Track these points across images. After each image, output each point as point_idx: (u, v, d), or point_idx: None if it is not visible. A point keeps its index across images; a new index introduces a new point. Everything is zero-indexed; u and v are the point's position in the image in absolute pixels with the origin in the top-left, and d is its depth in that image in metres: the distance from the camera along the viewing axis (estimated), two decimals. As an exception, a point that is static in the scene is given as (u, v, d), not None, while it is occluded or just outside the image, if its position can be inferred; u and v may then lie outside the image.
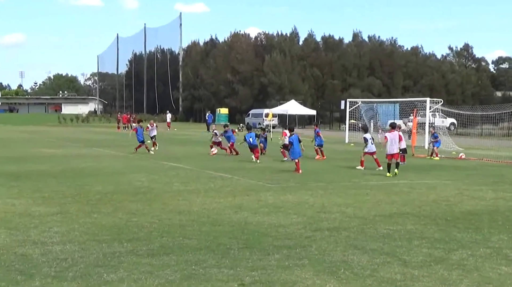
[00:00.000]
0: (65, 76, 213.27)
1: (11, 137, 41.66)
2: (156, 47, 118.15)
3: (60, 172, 18.70)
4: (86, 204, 12.39)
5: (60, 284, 6.71)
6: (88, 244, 8.73)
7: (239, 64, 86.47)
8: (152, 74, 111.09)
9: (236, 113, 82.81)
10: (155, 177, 17.65)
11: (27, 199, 12.92)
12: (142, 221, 10.63)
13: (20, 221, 10.35)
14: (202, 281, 6.93)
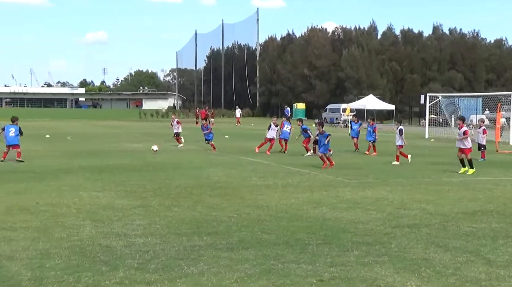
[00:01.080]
0: (145, 73, 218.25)
1: (94, 132, 42.98)
2: (233, 43, 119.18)
3: (142, 166, 19.16)
4: (167, 197, 12.64)
5: (143, 276, 6.87)
6: (169, 237, 8.91)
7: (316, 59, 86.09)
8: (229, 70, 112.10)
9: (313, 108, 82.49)
10: (233, 171, 17.81)
11: (111, 192, 13.30)
12: (221, 215, 10.76)
13: (104, 214, 10.67)
14: (281, 276, 6.94)
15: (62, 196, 12.60)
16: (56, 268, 7.13)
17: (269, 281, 6.77)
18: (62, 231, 9.20)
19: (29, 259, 7.53)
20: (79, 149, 25.68)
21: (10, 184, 14.14)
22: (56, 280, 6.63)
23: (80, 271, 7.02)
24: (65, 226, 9.54)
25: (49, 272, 6.95)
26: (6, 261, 7.38)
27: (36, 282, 6.55)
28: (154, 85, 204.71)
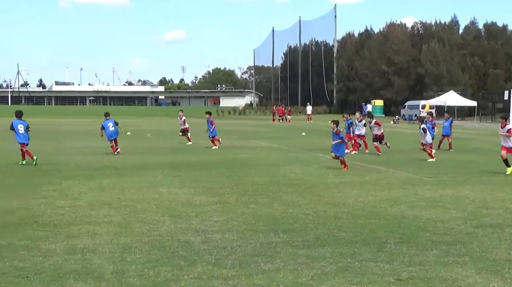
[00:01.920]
0: (223, 70, 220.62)
1: (173, 130, 43.77)
2: (310, 40, 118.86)
3: (219, 163, 19.39)
4: (244, 194, 12.74)
5: (220, 271, 6.96)
6: (245, 234, 8.98)
7: (395, 55, 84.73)
8: (306, 67, 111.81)
9: (392, 105, 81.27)
10: (310, 169, 17.77)
11: (189, 188, 13.53)
12: (297, 212, 10.76)
13: (182, 210, 10.87)
14: (358, 274, 6.88)
15: (142, 192, 12.92)
16: (136, 262, 7.32)
17: (346, 279, 6.73)
18: (143, 226, 9.44)
19: (111, 252, 7.76)
20: (158, 146, 26.25)
21: (94, 180, 14.61)
22: (137, 274, 6.81)
23: (160, 265, 7.18)
24: (145, 221, 9.78)
25: (130, 265, 7.15)
26: (90, 254, 7.64)
27: (118, 275, 6.74)
28: (232, 83, 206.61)
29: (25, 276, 6.67)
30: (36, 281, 6.49)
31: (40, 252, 7.73)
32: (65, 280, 6.56)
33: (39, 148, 22.80)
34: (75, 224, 9.47)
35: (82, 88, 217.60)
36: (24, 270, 6.90)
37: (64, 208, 10.81)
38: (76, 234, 8.77)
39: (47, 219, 9.85)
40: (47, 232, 8.86)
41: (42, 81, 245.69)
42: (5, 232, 8.84)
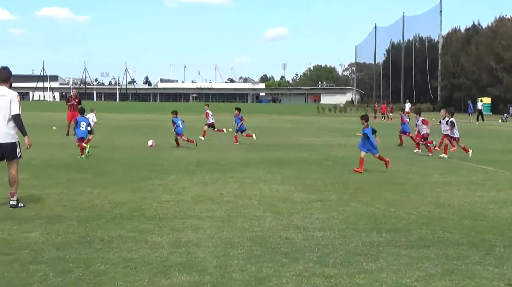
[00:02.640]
0: (324, 67, 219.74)
1: (274, 126, 44.08)
2: (414, 36, 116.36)
3: (320, 160, 19.32)
4: (345, 192, 12.63)
5: (322, 269, 6.92)
6: (347, 232, 8.90)
7: (504, 51, 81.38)
8: (409, 63, 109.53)
9: (499, 103, 78.08)
10: (413, 167, 17.38)
11: (290, 185, 13.56)
12: (400, 211, 10.54)
13: (283, 206, 10.91)
14: (465, 277, 6.65)
15: (244, 187, 13.07)
16: (239, 257, 7.41)
17: (452, 282, 6.52)
18: (244, 221, 9.55)
19: (214, 247, 7.90)
20: (259, 142, 26.47)
21: (197, 175, 14.92)
22: (239, 269, 6.90)
23: (262, 261, 7.23)
24: (247, 217, 9.89)
25: (232, 260, 7.25)
26: (194, 248, 7.81)
27: (221, 270, 6.85)
28: (333, 80, 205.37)
29: (133, 267, 6.90)
30: (143, 272, 6.70)
31: (147, 244, 7.98)
32: (171, 272, 6.73)
33: (144, 144, 23.55)
34: (179, 218, 9.71)
35: (185, 85, 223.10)
36: (132, 261, 7.15)
37: (169, 202, 11.11)
38: (181, 228, 8.99)
39: (153, 212, 10.17)
40: (153, 225, 9.14)
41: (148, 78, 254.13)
42: (115, 224, 9.20)
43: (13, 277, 6.47)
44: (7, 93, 10.42)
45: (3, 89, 10.47)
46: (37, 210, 10.14)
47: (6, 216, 9.65)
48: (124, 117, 55.18)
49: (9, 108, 10.34)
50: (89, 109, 23.73)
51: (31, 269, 6.76)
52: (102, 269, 6.79)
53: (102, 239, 8.22)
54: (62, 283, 6.29)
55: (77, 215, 9.81)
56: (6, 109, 10.32)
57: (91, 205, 10.72)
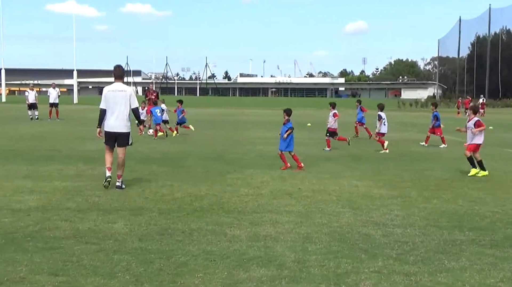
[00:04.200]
0: (405, 61, 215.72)
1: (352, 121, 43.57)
2: (501, 29, 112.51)
3: (398, 155, 19.00)
4: (425, 189, 12.37)
5: (402, 267, 6.82)
6: (428, 229, 8.72)
7: None
8: (495, 57, 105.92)
9: None
10: (495, 164, 16.82)
11: (368, 181, 13.41)
12: (484, 209, 10.24)
13: (362, 202, 10.80)
14: (553, 280, 6.39)
15: (322, 183, 13.02)
16: (317, 252, 7.40)
17: (539, 284, 6.28)
18: (323, 217, 9.51)
19: (292, 241, 7.91)
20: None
21: (276, 169, 14.96)
22: (318, 264, 6.88)
23: (340, 257, 7.19)
24: (325, 212, 9.85)
25: (311, 255, 7.24)
26: (272, 242, 7.85)
27: (299, 264, 6.86)
28: (414, 74, 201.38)
29: (212, 259, 7.01)
30: (222, 265, 6.79)
31: (225, 237, 8.08)
32: (249, 265, 6.79)
33: (223, 138, 23.85)
34: (258, 212, 9.78)
35: (264, 80, 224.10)
36: (212, 253, 7.26)
37: (248, 196, 11.21)
38: (259, 222, 9.06)
39: (232, 205, 10.28)
40: (232, 218, 9.25)
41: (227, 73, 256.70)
42: (195, 216, 9.36)
43: (98, 265, 6.69)
44: (125, 88, 12.01)
45: (121, 85, 12.02)
46: (120, 202, 10.44)
47: (92, 206, 9.99)
48: (204, 112, 55.95)
49: (129, 102, 11.88)
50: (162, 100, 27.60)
51: (115, 258, 6.97)
52: (183, 261, 6.93)
53: (182, 231, 8.39)
54: (144, 273, 6.46)
55: (159, 207, 10.04)
56: (126, 103, 11.85)
57: (172, 197, 10.95)
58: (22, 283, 6.06)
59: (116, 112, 11.81)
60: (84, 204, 10.22)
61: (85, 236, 8.03)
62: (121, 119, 11.83)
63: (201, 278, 6.33)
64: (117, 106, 11.81)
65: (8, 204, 10.06)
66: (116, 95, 11.86)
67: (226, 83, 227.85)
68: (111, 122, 11.86)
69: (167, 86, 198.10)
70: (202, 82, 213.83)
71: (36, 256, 7.02)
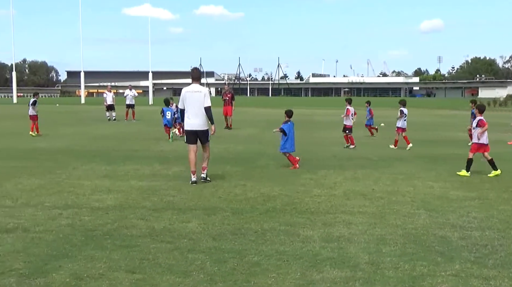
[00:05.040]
0: (482, 59, 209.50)
1: (428, 121, 42.74)
2: None
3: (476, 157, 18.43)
4: (505, 191, 11.98)
5: (480, 271, 6.63)
6: (507, 233, 8.44)
7: None
8: None
9: None
10: None
11: (444, 182, 13.10)
12: None
13: (438, 204, 10.56)
14: None
15: (396, 183, 12.82)
16: (391, 254, 7.28)
17: None
18: (397, 218, 9.36)
19: (366, 243, 7.82)
20: (412, 138, 25.81)
21: (349, 170, 14.84)
22: (392, 266, 6.78)
23: (415, 259, 7.06)
24: (400, 214, 9.69)
25: (385, 257, 7.14)
26: (345, 243, 7.78)
27: (373, 266, 6.77)
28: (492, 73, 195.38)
29: (285, 259, 7.01)
30: (295, 265, 6.79)
31: (298, 237, 8.07)
32: (322, 266, 6.76)
33: (295, 138, 23.79)
34: (331, 213, 9.72)
35: (337, 79, 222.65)
36: (284, 253, 7.26)
37: (321, 197, 11.15)
38: (332, 223, 9.00)
39: (304, 206, 10.26)
40: (305, 219, 9.22)
41: (300, 73, 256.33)
42: (268, 216, 9.39)
43: (173, 264, 6.81)
44: (201, 89, 12.78)
45: (198, 86, 12.81)
46: (194, 201, 10.60)
47: (167, 206, 10.18)
48: (276, 112, 56.04)
49: (203, 102, 12.57)
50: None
51: (189, 257, 7.08)
52: (256, 261, 6.96)
53: (255, 231, 8.43)
54: (218, 272, 6.53)
55: (232, 207, 10.13)
56: (201, 102, 12.57)
57: (245, 197, 11.03)
58: (101, 280, 6.24)
59: (195, 111, 12.61)
60: (159, 203, 10.43)
61: (161, 234, 8.19)
62: (199, 118, 12.63)
63: (274, 278, 6.34)
64: (194, 106, 12.59)
65: (88, 203, 10.38)
66: (193, 95, 12.63)
67: (298, 83, 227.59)
68: (190, 121, 12.67)
69: (240, 87, 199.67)
70: (274, 83, 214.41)
71: (114, 253, 7.22)
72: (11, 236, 8.04)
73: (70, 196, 11.03)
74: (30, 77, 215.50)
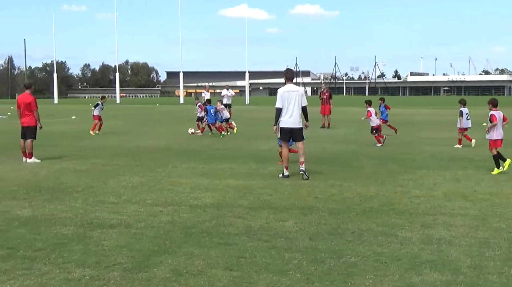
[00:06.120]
0: None
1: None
2: None
3: None
4: None
5: None
6: None
7: None
8: None
9: None
10: None
11: (553, 184, 12.49)
12: None
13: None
14: None
15: (500, 185, 12.33)
16: (495, 258, 7.01)
17: None
18: (501, 221, 9.01)
19: (468, 246, 7.57)
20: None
21: (449, 170, 14.41)
22: (496, 271, 6.52)
23: None
24: (504, 217, 9.31)
25: (488, 261, 6.88)
26: (446, 246, 7.56)
27: (476, 270, 6.54)
28: None
29: (383, 261, 6.90)
30: (394, 267, 6.66)
31: (397, 239, 7.92)
32: (422, 269, 6.60)
33: (393, 138, 23.37)
34: (430, 214, 9.48)
35: (436, 78, 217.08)
36: (382, 255, 7.14)
37: (419, 197, 10.90)
38: (431, 224, 8.77)
39: (403, 207, 10.05)
40: (403, 220, 9.04)
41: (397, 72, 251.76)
42: (365, 217, 9.27)
43: (270, 262, 6.85)
44: (298, 89, 13.54)
45: (294, 85, 13.44)
46: (291, 200, 10.62)
47: (263, 204, 10.26)
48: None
49: (301, 101, 13.19)
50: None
51: (286, 256, 7.10)
52: (353, 261, 6.89)
53: (352, 231, 8.35)
54: (315, 272, 6.51)
55: (328, 206, 10.08)
56: (298, 101, 13.17)
57: (341, 197, 10.94)
58: (200, 276, 6.36)
59: (291, 110, 13.16)
60: (256, 202, 10.53)
61: (257, 233, 8.25)
62: (295, 116, 13.19)
63: (372, 280, 6.25)
64: (292, 105, 13.15)
65: (187, 200, 10.63)
66: (291, 95, 13.19)
67: (395, 82, 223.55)
68: (286, 119, 13.22)
69: (336, 86, 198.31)
70: (371, 82, 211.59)
71: (212, 250, 7.34)
72: (115, 231, 8.35)
73: (170, 193, 11.33)
74: (132, 78, 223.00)
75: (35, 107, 16.63)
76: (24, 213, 9.57)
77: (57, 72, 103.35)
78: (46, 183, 12.64)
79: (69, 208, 9.96)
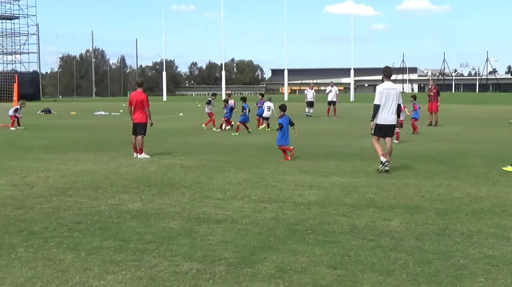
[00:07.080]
0: None
1: None
2: None
3: None
4: None
5: None
6: None
7: None
8: None
9: None
10: None
11: None
12: None
13: None
14: None
15: None
16: None
17: None
18: None
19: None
20: None
21: None
22: None
23: None
24: None
25: None
26: None
27: None
28: None
29: (494, 264, 6.63)
30: (506, 271, 6.38)
31: (509, 242, 7.59)
32: None
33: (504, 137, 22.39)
34: None
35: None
36: (494, 258, 6.86)
37: None
38: None
39: None
40: None
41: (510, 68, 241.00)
42: (474, 218, 8.95)
43: (375, 262, 6.75)
44: (395, 86, 14.10)
45: (392, 83, 14.06)
46: (397, 199, 10.42)
47: (368, 203, 10.13)
48: (484, 109, 53.31)
49: (397, 98, 13.74)
50: (266, 98, 31.10)
51: (392, 256, 6.97)
52: (462, 264, 6.67)
53: (461, 232, 8.08)
54: (421, 273, 6.35)
55: (436, 206, 9.80)
56: (396, 99, 13.71)
57: (450, 197, 10.61)
58: (304, 273, 6.36)
59: (389, 107, 13.66)
60: (360, 200, 10.41)
61: (362, 231, 8.16)
62: (392, 113, 13.72)
63: (482, 283, 6.02)
64: (390, 102, 13.67)
65: (291, 197, 10.66)
66: (390, 92, 13.72)
67: (509, 78, 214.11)
68: (383, 115, 13.69)
69: (444, 83, 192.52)
70: (482, 78, 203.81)
71: (316, 248, 7.32)
72: (221, 227, 8.50)
73: (274, 190, 11.40)
74: (237, 76, 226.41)
75: (147, 105, 17.21)
76: (135, 207, 9.94)
77: (166, 70, 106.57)
78: (155, 178, 13.06)
79: (177, 203, 10.24)
